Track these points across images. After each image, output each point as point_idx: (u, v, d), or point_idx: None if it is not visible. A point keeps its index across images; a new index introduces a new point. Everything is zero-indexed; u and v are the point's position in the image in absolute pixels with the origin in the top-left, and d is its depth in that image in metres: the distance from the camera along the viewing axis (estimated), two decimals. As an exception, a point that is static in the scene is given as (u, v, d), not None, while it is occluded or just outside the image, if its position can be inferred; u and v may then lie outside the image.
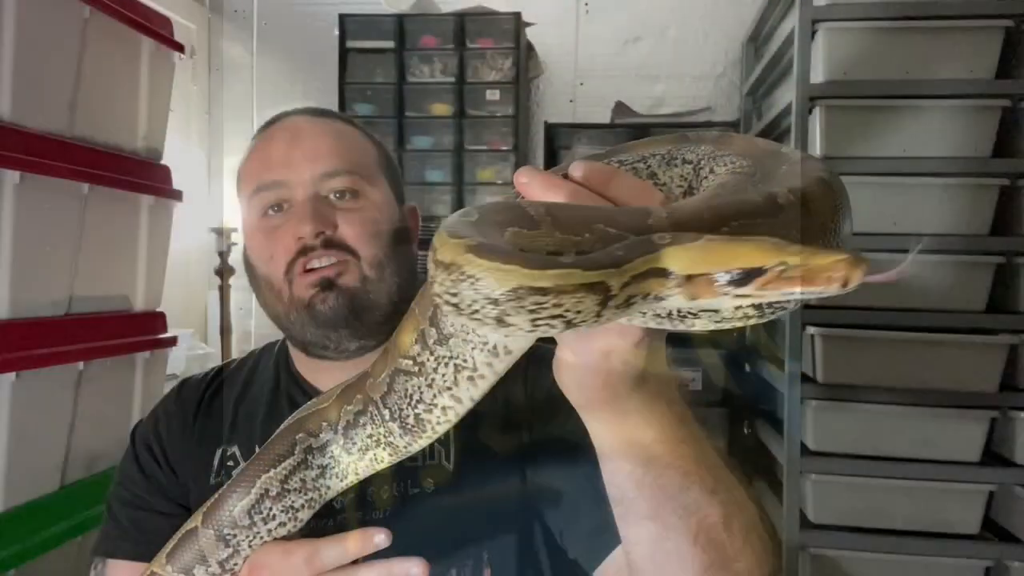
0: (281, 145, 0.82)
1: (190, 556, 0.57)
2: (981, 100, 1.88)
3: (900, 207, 1.90)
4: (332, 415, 0.58)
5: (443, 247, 0.38)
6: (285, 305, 0.79)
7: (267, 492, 0.56)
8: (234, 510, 0.56)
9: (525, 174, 0.46)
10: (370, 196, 0.82)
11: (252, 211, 0.82)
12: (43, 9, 1.47)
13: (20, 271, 1.44)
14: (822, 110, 1.91)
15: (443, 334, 0.49)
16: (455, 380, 0.50)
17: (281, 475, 0.56)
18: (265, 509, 0.56)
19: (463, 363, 0.49)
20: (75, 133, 1.60)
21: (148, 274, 1.86)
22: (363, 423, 0.56)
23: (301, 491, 0.57)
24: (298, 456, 0.57)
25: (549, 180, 0.45)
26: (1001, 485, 1.87)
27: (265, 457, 0.57)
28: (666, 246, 0.37)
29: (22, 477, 1.48)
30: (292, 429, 0.58)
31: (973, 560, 1.87)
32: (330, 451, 0.57)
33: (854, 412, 1.92)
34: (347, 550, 0.56)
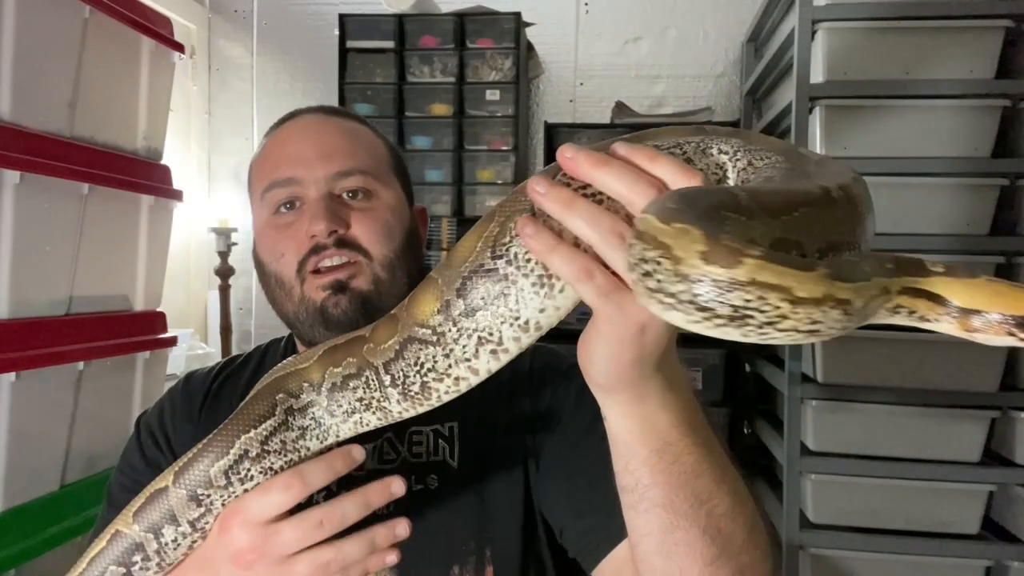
0: (295, 143, 0.82)
1: (159, 515, 0.56)
2: (981, 100, 1.88)
3: (900, 207, 1.90)
4: (314, 376, 0.57)
5: (688, 238, 0.36)
6: (295, 303, 0.79)
7: (246, 453, 0.55)
8: (210, 470, 0.55)
9: (569, 149, 0.46)
10: (382, 196, 0.82)
11: (264, 208, 0.82)
12: (43, 9, 1.47)
13: (20, 271, 1.44)
14: (822, 110, 1.91)
15: (471, 307, 0.49)
16: (476, 352, 0.50)
17: (261, 436, 0.55)
18: (243, 470, 0.55)
19: (488, 336, 0.49)
20: (75, 133, 1.60)
21: (148, 274, 1.86)
22: (354, 387, 0.56)
23: (281, 452, 0.56)
24: (279, 417, 0.56)
25: (597, 156, 0.45)
26: (1001, 485, 1.87)
27: (244, 417, 0.56)
28: (940, 275, 0.40)
29: (22, 477, 1.48)
30: (271, 389, 0.57)
31: (973, 560, 1.87)
32: (312, 412, 0.57)
33: (854, 412, 1.92)
34: (345, 515, 0.55)
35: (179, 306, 3.20)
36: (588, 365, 0.50)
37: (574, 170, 0.46)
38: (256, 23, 3.37)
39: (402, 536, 0.57)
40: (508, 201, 0.49)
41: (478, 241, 0.49)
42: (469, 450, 0.78)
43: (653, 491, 0.53)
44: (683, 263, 0.36)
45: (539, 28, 3.08)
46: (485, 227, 0.49)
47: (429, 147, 2.92)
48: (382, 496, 0.57)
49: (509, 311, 0.48)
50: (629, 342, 0.47)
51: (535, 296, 0.48)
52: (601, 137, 3.02)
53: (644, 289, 0.39)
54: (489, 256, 0.48)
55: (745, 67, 2.93)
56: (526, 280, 0.47)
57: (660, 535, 0.53)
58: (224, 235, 3.04)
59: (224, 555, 0.55)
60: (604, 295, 0.45)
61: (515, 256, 0.48)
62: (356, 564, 0.56)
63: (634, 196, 0.44)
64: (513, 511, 0.76)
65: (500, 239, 0.48)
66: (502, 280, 0.48)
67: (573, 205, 0.45)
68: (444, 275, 0.50)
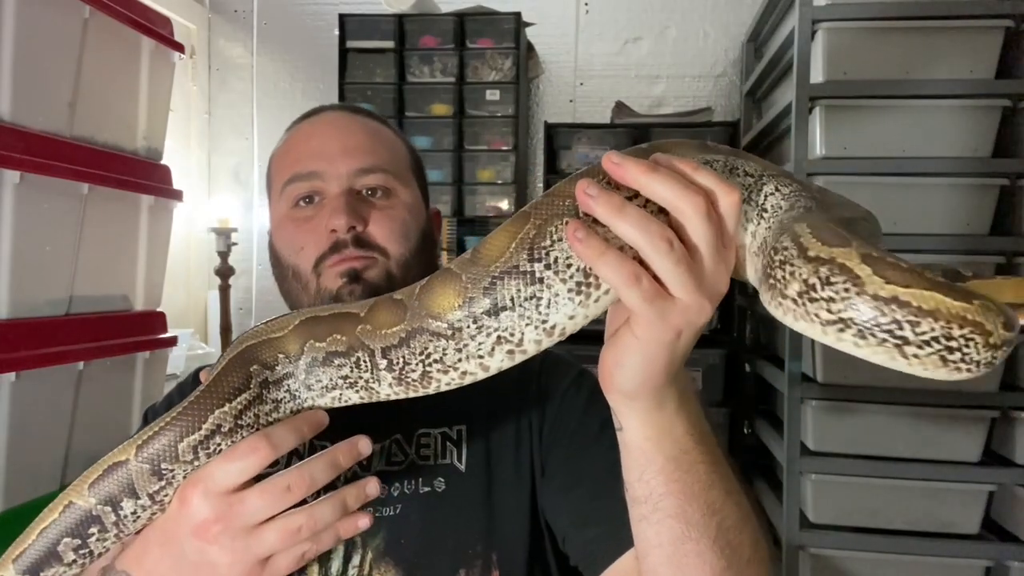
0: (318, 138, 0.83)
1: (117, 487, 0.52)
2: (981, 100, 1.88)
3: (900, 207, 1.90)
4: (291, 347, 0.55)
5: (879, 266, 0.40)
6: (311, 297, 0.80)
7: (219, 428, 0.52)
8: (179, 444, 0.52)
9: (616, 155, 0.46)
10: (401, 196, 0.83)
11: (283, 201, 0.82)
12: (43, 9, 1.47)
13: (20, 271, 1.44)
14: (822, 110, 1.91)
15: (498, 306, 0.48)
16: (491, 350, 0.49)
17: (235, 410, 0.53)
18: (214, 445, 0.52)
19: (509, 336, 0.48)
20: (75, 133, 1.60)
21: (148, 274, 1.86)
22: (339, 364, 0.54)
23: (253, 426, 0.54)
24: (254, 390, 0.54)
25: (644, 163, 0.45)
26: (1001, 485, 1.87)
27: (217, 390, 0.53)
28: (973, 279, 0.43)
29: (22, 477, 1.48)
30: (243, 360, 0.55)
31: (973, 560, 1.87)
32: (287, 384, 0.55)
33: (854, 412, 1.92)
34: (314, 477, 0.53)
35: (179, 306, 3.20)
36: (616, 370, 0.50)
37: (622, 176, 0.45)
38: (256, 23, 3.37)
39: (373, 495, 0.56)
40: (543, 203, 0.48)
41: (511, 241, 0.48)
42: (477, 454, 0.78)
43: (667, 501, 0.53)
44: (871, 286, 0.40)
45: (539, 28, 3.08)
46: (519, 227, 0.48)
47: (429, 147, 2.92)
48: (350, 456, 0.55)
49: (539, 315, 0.47)
50: (665, 347, 0.47)
51: (569, 302, 0.47)
52: (601, 137, 3.02)
53: (806, 310, 0.42)
54: (526, 258, 0.47)
55: (745, 67, 2.93)
56: (563, 285, 0.47)
57: (671, 546, 0.53)
58: (224, 235, 3.04)
59: (186, 529, 0.52)
60: (649, 301, 0.45)
61: (555, 260, 0.47)
62: (328, 529, 0.54)
63: (681, 203, 0.45)
64: (520, 516, 0.76)
65: (539, 241, 0.47)
66: (537, 283, 0.47)
67: (624, 210, 0.44)
68: (469, 272, 0.49)
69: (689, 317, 0.46)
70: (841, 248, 0.41)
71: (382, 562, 0.73)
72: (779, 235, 0.46)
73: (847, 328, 0.41)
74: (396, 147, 0.87)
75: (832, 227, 0.43)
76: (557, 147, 2.98)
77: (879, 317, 0.39)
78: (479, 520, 0.75)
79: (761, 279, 0.48)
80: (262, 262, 3.33)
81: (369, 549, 0.73)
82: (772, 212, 0.51)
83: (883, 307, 0.39)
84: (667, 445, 0.52)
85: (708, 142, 0.54)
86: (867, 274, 0.40)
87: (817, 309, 0.42)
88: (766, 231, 0.50)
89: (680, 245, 0.45)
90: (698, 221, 0.45)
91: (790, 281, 0.43)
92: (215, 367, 0.55)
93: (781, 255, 0.44)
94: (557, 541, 0.77)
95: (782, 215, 0.49)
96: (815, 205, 0.49)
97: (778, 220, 0.49)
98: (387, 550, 0.73)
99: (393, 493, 0.76)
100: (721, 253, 0.46)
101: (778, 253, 0.45)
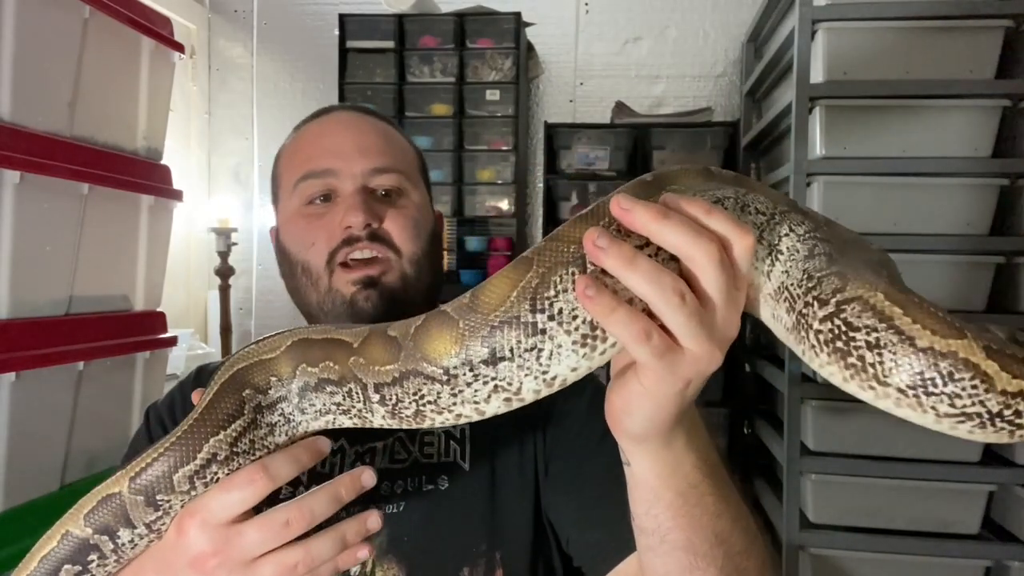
0: (333, 136, 0.84)
1: (112, 518, 0.52)
2: (981, 100, 1.88)
3: (900, 207, 1.90)
4: (283, 369, 0.54)
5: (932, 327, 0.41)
6: (320, 294, 0.80)
7: (215, 456, 0.51)
8: (174, 475, 0.51)
9: (626, 200, 0.43)
10: (412, 197, 0.84)
11: (295, 197, 0.83)
12: (43, 9, 1.47)
13: (20, 271, 1.44)
14: (822, 110, 1.91)
15: (496, 356, 0.46)
16: (488, 398, 0.47)
17: (230, 438, 0.52)
18: (210, 474, 0.51)
19: (507, 386, 0.47)
20: (75, 133, 1.60)
21: (148, 274, 1.86)
22: (331, 391, 0.53)
23: (249, 452, 0.53)
24: (248, 416, 0.53)
25: (655, 208, 0.43)
26: (1001, 485, 1.87)
27: (211, 418, 0.52)
28: None
29: (22, 477, 1.48)
30: (235, 384, 0.53)
31: (973, 560, 1.87)
32: (280, 408, 0.54)
33: (854, 412, 1.92)
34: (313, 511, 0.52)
35: (179, 306, 3.20)
36: (624, 418, 0.49)
37: (632, 223, 0.43)
38: (256, 23, 3.37)
39: (373, 529, 0.54)
40: (546, 249, 0.46)
41: (512, 289, 0.46)
42: (480, 452, 0.78)
43: (674, 534, 0.52)
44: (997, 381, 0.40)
45: (539, 28, 3.08)
46: (520, 275, 0.46)
47: (429, 147, 2.92)
48: (352, 489, 0.54)
49: (539, 366, 0.46)
50: (675, 397, 0.46)
51: (572, 354, 0.45)
52: (601, 137, 3.02)
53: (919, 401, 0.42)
54: (528, 308, 0.45)
55: (745, 67, 2.93)
56: (567, 337, 0.45)
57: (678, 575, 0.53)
58: (224, 235, 3.04)
59: (183, 560, 0.51)
60: (659, 357, 0.44)
61: (559, 312, 0.45)
62: (326, 564, 0.53)
63: (694, 252, 0.43)
64: (523, 514, 0.76)
65: (542, 291, 0.45)
66: (539, 335, 0.45)
67: (635, 262, 0.42)
68: (467, 318, 0.47)
69: (700, 367, 0.45)
70: (959, 341, 0.41)
71: (385, 560, 0.73)
72: (838, 301, 0.44)
73: (969, 420, 0.41)
74: (406, 149, 0.88)
75: (920, 304, 0.43)
76: (557, 147, 2.99)
77: (1004, 410, 0.40)
78: (483, 518, 0.75)
79: (813, 340, 0.46)
80: (262, 262, 3.33)
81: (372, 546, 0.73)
82: (789, 255, 0.49)
83: (1010, 400, 0.40)
84: (676, 481, 0.51)
85: (713, 168, 0.52)
86: (995, 371, 0.40)
87: (935, 403, 0.41)
88: (783, 275, 0.49)
89: (692, 297, 0.43)
90: (712, 270, 0.43)
91: (895, 370, 0.42)
92: (208, 390, 0.54)
93: (867, 335, 0.42)
94: (561, 541, 0.77)
95: (806, 263, 0.48)
96: (833, 249, 0.48)
97: (802, 267, 0.48)
98: (390, 547, 0.73)
99: (396, 491, 0.76)
100: (733, 298, 0.45)
101: (857, 331, 0.43)
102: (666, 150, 2.88)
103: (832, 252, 0.47)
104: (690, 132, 2.90)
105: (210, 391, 0.53)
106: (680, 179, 0.49)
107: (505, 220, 2.97)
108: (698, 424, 0.53)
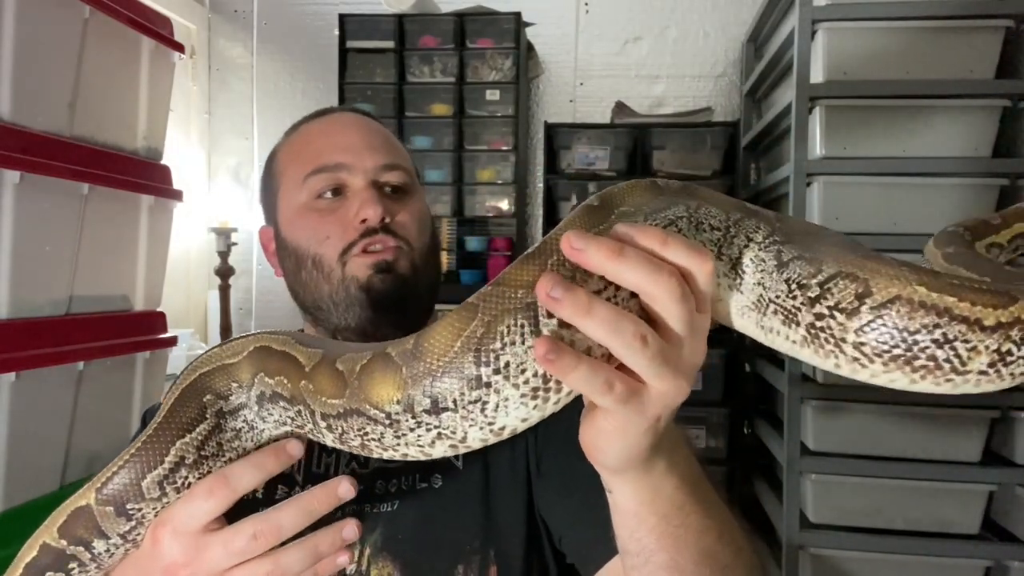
0: (341, 133, 0.86)
1: (85, 531, 0.52)
2: (981, 100, 1.88)
3: (900, 207, 1.90)
4: (244, 376, 0.53)
5: None
6: (333, 285, 0.80)
7: (183, 460, 0.51)
8: (142, 482, 0.50)
9: (577, 239, 0.41)
10: (415, 195, 0.87)
11: (303, 192, 0.83)
12: (43, 9, 1.47)
13: (20, 271, 1.44)
14: (822, 110, 1.91)
15: (438, 407, 0.44)
16: (432, 443, 0.46)
17: (197, 441, 0.52)
18: (180, 479, 0.51)
19: (451, 435, 0.45)
20: (75, 133, 1.60)
21: (148, 274, 1.86)
22: (284, 406, 0.52)
23: (218, 455, 0.53)
24: (211, 420, 0.52)
25: (610, 245, 0.41)
26: (1001, 485, 1.87)
27: (174, 422, 0.52)
28: None
29: (22, 477, 1.48)
30: (196, 390, 0.53)
31: (973, 560, 1.87)
32: (243, 415, 0.53)
33: (854, 412, 1.92)
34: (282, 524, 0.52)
35: (179, 306, 3.20)
36: (598, 455, 0.47)
37: (585, 263, 0.41)
38: (256, 23, 3.37)
39: (350, 539, 0.53)
40: (491, 295, 0.43)
41: (456, 339, 0.43)
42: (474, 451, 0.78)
43: (659, 555, 0.52)
44: None
45: (539, 28, 3.08)
46: (464, 323, 0.43)
47: (429, 147, 2.92)
48: (326, 502, 0.53)
49: (484, 417, 0.43)
50: (646, 432, 0.45)
51: (522, 407, 0.43)
52: (601, 137, 3.02)
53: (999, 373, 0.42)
54: (471, 360, 0.42)
55: (745, 67, 2.93)
56: (515, 391, 0.43)
57: None
58: (224, 235, 3.04)
59: (158, 567, 0.52)
60: (623, 402, 0.42)
61: (505, 365, 0.42)
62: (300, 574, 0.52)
63: (654, 289, 0.41)
64: (517, 513, 0.77)
65: (487, 343, 0.42)
66: (483, 388, 0.43)
67: (592, 310, 0.40)
68: (410, 366, 0.45)
69: (667, 402, 0.44)
70: (1018, 304, 0.41)
71: (379, 558, 0.73)
72: (871, 308, 0.42)
73: None
74: (405, 151, 0.91)
75: (960, 282, 0.42)
76: (557, 147, 2.98)
77: None
78: (476, 516, 0.76)
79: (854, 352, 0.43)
80: (262, 262, 3.33)
81: (367, 545, 0.74)
82: (755, 266, 0.48)
83: None
84: (659, 504, 0.50)
85: (660, 181, 0.50)
86: None
87: (1013, 368, 0.41)
88: (757, 287, 0.47)
89: (655, 337, 0.41)
90: (674, 306, 0.42)
91: (973, 357, 0.41)
92: (170, 395, 0.54)
93: (930, 333, 0.41)
94: (553, 539, 0.78)
95: (783, 272, 0.46)
96: (801, 249, 0.46)
97: (782, 277, 0.46)
98: (384, 546, 0.74)
99: (391, 489, 0.76)
100: (698, 327, 0.43)
101: (917, 333, 0.41)
102: (666, 150, 2.88)
103: (803, 253, 0.46)
104: (690, 132, 2.90)
105: (172, 396, 0.53)
106: (628, 198, 0.47)
107: (505, 220, 2.97)
108: (678, 442, 0.51)
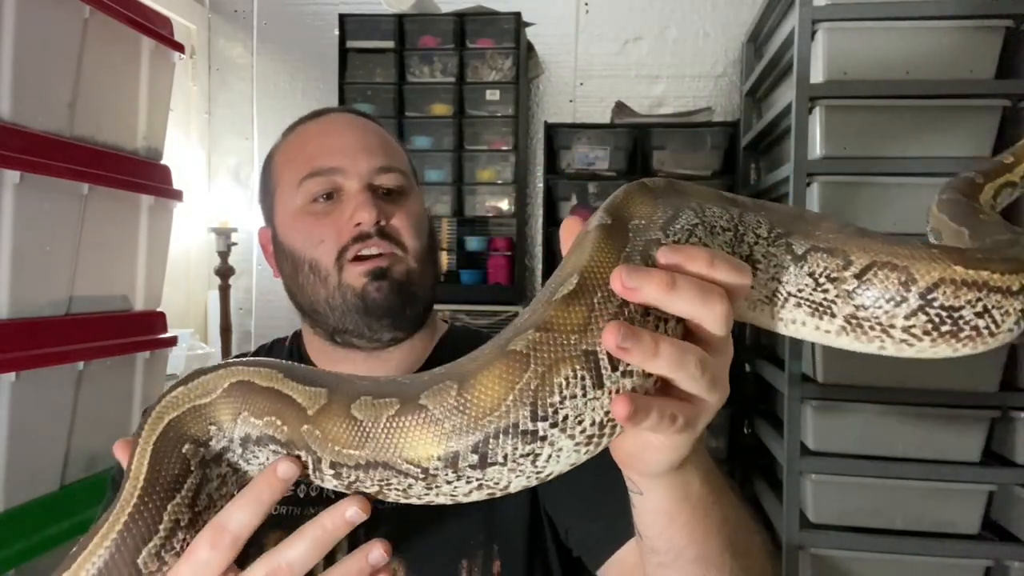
0: (336, 136, 0.84)
1: None
2: (981, 100, 1.88)
3: (900, 207, 1.90)
4: (222, 417, 0.47)
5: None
6: (330, 290, 0.80)
7: (178, 523, 0.46)
8: (138, 559, 0.45)
9: (630, 277, 0.40)
10: (412, 196, 0.86)
11: (298, 195, 0.83)
12: (43, 9, 1.47)
13: (20, 271, 1.44)
14: (822, 110, 1.91)
15: (486, 462, 0.41)
16: (468, 493, 0.44)
17: (188, 499, 0.47)
18: (178, 543, 0.47)
19: (492, 485, 0.43)
20: (75, 133, 1.60)
21: (148, 274, 1.86)
22: (274, 450, 0.47)
23: (210, 508, 0.48)
24: (197, 473, 0.47)
25: (663, 278, 0.41)
26: (1001, 485, 1.87)
27: (159, 483, 0.46)
28: None
29: (22, 477, 1.48)
30: (171, 440, 0.47)
31: (973, 560, 1.87)
32: (227, 459, 0.48)
33: (854, 412, 1.92)
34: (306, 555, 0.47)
35: (179, 306, 3.20)
36: (641, 466, 0.48)
37: (642, 299, 0.41)
38: (256, 23, 3.37)
39: (378, 563, 0.49)
40: (542, 344, 0.41)
41: (508, 392, 0.40)
42: None
43: (689, 550, 0.53)
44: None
45: (539, 28, 3.08)
46: (515, 375, 0.41)
47: (429, 147, 2.92)
48: (334, 529, 0.47)
49: (534, 469, 0.42)
50: (687, 443, 0.46)
51: (574, 454, 0.42)
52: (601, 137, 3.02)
53: None
54: (527, 415, 0.40)
55: (745, 67, 2.93)
56: (570, 442, 0.41)
57: None
58: (224, 235, 3.04)
59: None
60: (682, 431, 0.43)
61: (564, 418, 0.40)
62: None
63: (707, 314, 0.42)
64: (520, 508, 0.77)
65: (544, 396, 0.40)
66: (539, 442, 0.41)
67: (659, 352, 0.40)
68: (453, 419, 0.41)
69: (711, 411, 0.45)
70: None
71: None
72: (920, 293, 0.46)
73: None
74: (402, 151, 0.90)
75: (988, 255, 0.46)
76: (557, 147, 2.98)
77: None
78: (480, 512, 0.75)
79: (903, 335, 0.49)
80: (262, 262, 3.33)
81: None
82: (767, 262, 0.48)
83: None
84: (690, 500, 0.51)
85: (648, 182, 0.48)
86: None
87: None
88: (772, 281, 0.48)
89: (708, 358, 0.42)
90: (719, 326, 0.42)
91: (1004, 320, 0.46)
92: (139, 449, 0.47)
93: (973, 307, 0.46)
94: (558, 532, 0.78)
95: (799, 265, 0.47)
96: (805, 239, 0.48)
97: (803, 271, 0.47)
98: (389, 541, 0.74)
99: None
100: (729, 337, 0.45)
101: (961, 309, 0.46)
102: (666, 150, 2.88)
103: (816, 243, 0.48)
104: (690, 132, 2.90)
105: (144, 451, 0.47)
106: (633, 208, 0.46)
107: (505, 220, 2.97)
108: (700, 438, 0.52)
